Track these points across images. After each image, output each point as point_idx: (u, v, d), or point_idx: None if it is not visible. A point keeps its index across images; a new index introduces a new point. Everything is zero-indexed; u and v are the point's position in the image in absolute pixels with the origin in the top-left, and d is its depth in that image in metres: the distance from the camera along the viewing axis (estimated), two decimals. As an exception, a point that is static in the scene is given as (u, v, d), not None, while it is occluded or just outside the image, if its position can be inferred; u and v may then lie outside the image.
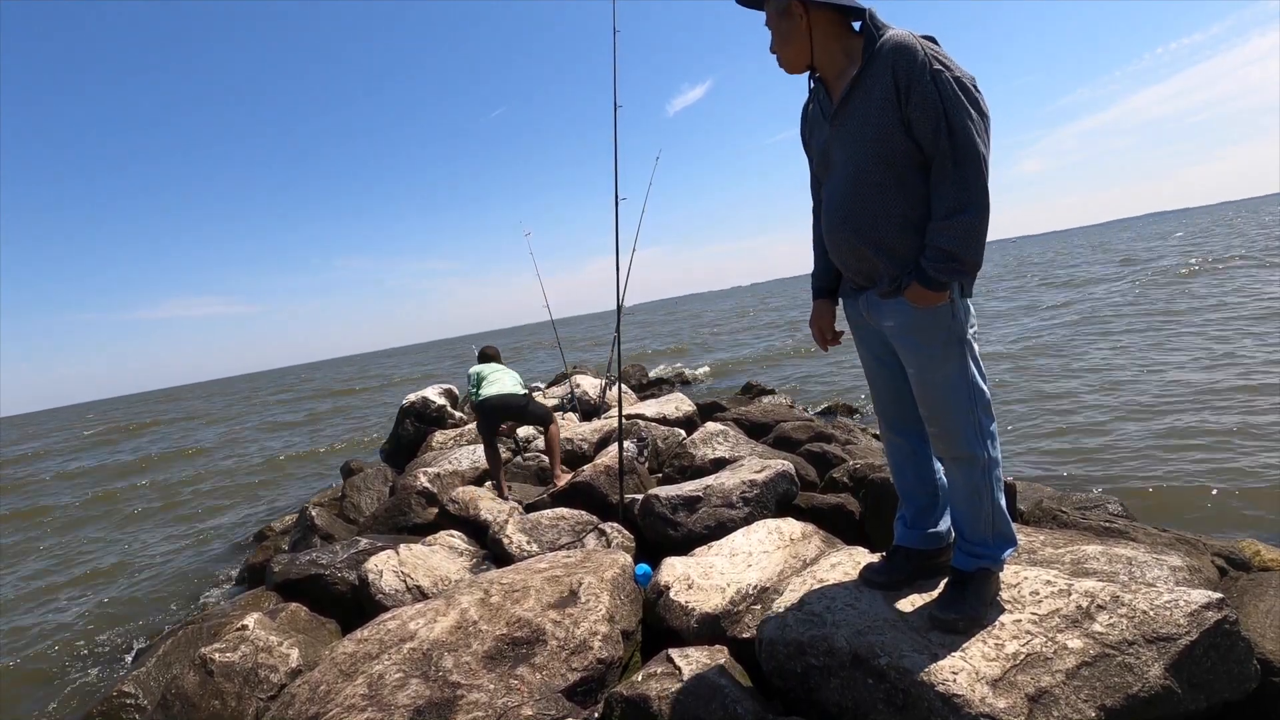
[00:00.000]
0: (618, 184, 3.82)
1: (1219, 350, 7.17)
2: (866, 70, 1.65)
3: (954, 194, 1.57)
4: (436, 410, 7.75)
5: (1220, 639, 1.61)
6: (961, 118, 1.56)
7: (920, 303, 1.67)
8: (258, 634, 2.72)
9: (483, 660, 2.07)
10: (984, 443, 1.76)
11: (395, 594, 3.05)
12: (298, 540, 4.68)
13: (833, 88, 1.77)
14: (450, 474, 4.95)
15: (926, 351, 1.71)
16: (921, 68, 1.57)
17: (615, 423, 4.60)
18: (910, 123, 1.60)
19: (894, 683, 1.63)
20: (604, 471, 4.02)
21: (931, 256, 1.61)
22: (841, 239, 1.78)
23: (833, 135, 1.77)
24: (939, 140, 1.57)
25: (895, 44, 1.60)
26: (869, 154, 1.67)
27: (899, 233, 1.68)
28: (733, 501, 3.18)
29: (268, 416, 22.27)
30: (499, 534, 3.47)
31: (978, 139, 1.57)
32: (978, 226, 1.57)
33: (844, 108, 1.71)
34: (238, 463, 12.40)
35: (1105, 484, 4.13)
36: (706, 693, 1.81)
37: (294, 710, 2.04)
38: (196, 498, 9.58)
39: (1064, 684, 1.55)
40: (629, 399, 7.74)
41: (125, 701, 2.80)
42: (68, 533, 8.63)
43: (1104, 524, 2.62)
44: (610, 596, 2.36)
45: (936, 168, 1.60)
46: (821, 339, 2.03)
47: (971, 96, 1.58)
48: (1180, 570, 2.11)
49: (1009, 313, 14.41)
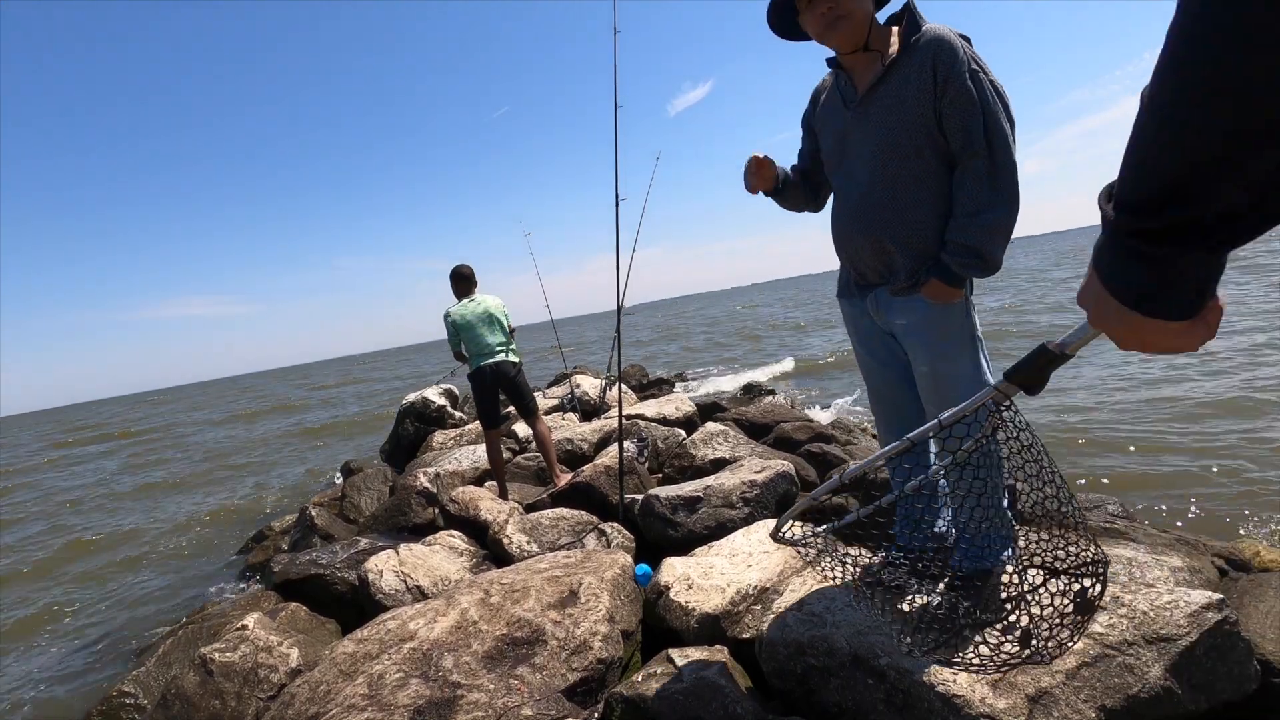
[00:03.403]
0: (618, 184, 3.83)
1: (1219, 349, 7.18)
2: (903, 60, 1.64)
3: (985, 192, 1.58)
4: (436, 410, 7.76)
5: (1220, 640, 1.61)
6: (999, 119, 1.57)
7: (938, 299, 1.66)
8: (258, 634, 2.72)
9: (483, 660, 2.07)
10: None
11: (395, 594, 3.05)
12: (297, 540, 4.68)
13: (859, 75, 1.75)
14: (450, 474, 4.95)
15: (940, 349, 1.70)
16: (962, 64, 1.57)
17: (615, 423, 4.60)
18: (942, 116, 1.60)
19: (894, 683, 1.63)
20: (604, 471, 4.02)
21: (955, 252, 1.61)
22: (860, 229, 1.76)
23: (853, 122, 1.75)
24: (973, 137, 1.58)
25: (937, 37, 1.60)
26: (899, 143, 1.66)
27: (922, 226, 1.68)
28: (733, 502, 3.17)
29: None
30: (499, 534, 3.47)
31: (1011, 142, 1.59)
32: (1005, 225, 1.58)
33: (871, 95, 1.69)
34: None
35: (1105, 484, 4.13)
36: (706, 693, 1.81)
37: (294, 710, 2.04)
38: (195, 497, 9.58)
39: (1064, 684, 1.55)
40: (629, 399, 7.74)
41: (125, 701, 2.80)
42: (65, 532, 8.64)
43: (1104, 524, 2.62)
44: (610, 596, 2.36)
45: (965, 165, 1.60)
46: (755, 175, 1.93)
47: (1004, 101, 1.60)
48: (1180, 571, 2.10)
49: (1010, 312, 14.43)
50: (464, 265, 4.63)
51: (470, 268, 4.64)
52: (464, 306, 4.52)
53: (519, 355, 4.64)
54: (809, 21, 1.68)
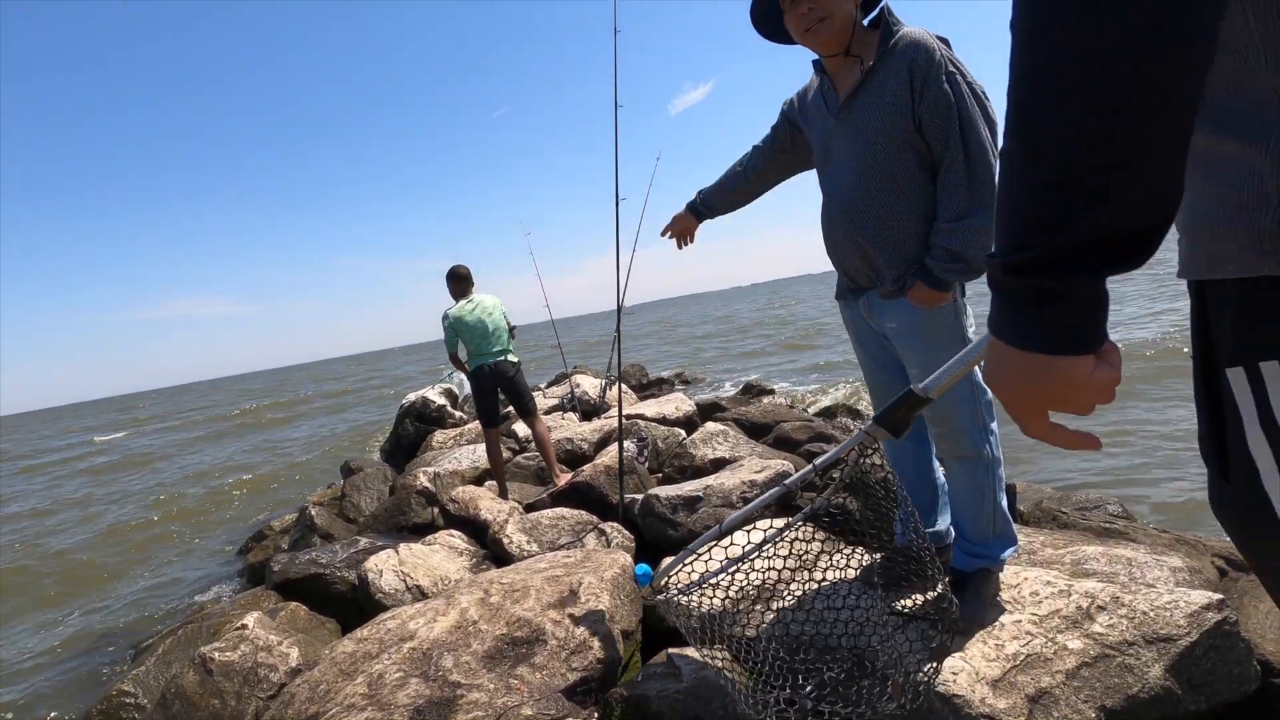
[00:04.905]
0: (618, 184, 3.82)
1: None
2: (881, 64, 1.63)
3: (965, 197, 1.58)
4: (436, 410, 7.76)
5: (1220, 640, 1.61)
6: (976, 122, 1.57)
7: (924, 303, 1.67)
8: (257, 633, 2.72)
9: (483, 660, 2.07)
10: (988, 441, 1.76)
11: (395, 593, 3.05)
12: (297, 539, 4.68)
13: (840, 80, 1.75)
14: (450, 474, 4.95)
15: (931, 352, 1.71)
16: (938, 68, 1.56)
17: (615, 423, 4.60)
18: (921, 121, 1.60)
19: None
20: (604, 471, 4.02)
21: (938, 256, 1.61)
22: (845, 235, 1.77)
23: (836, 128, 1.75)
24: (950, 142, 1.57)
25: (913, 41, 1.59)
26: (877, 150, 1.66)
27: (905, 231, 1.68)
28: (733, 501, 3.17)
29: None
30: (499, 534, 3.47)
31: (989, 146, 1.58)
32: (987, 231, 1.58)
33: (851, 101, 1.69)
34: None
35: (1105, 484, 4.13)
36: (706, 693, 1.81)
37: (293, 709, 2.04)
38: (196, 497, 9.58)
39: (1064, 684, 1.55)
40: (629, 399, 7.74)
41: (124, 700, 2.80)
42: (65, 530, 8.63)
43: (1104, 524, 2.62)
44: (610, 596, 2.36)
45: (946, 169, 1.60)
46: (678, 237, 2.29)
47: (983, 103, 1.59)
48: (1180, 571, 2.10)
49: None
50: (461, 265, 4.57)
51: (467, 268, 4.58)
52: (463, 307, 4.48)
53: (518, 355, 4.64)
54: (791, 22, 1.67)
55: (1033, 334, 0.57)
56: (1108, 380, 0.58)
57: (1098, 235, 0.50)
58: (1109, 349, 0.58)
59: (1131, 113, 0.46)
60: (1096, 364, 0.57)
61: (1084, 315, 0.55)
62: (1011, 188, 0.54)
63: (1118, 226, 0.50)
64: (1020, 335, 0.57)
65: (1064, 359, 0.56)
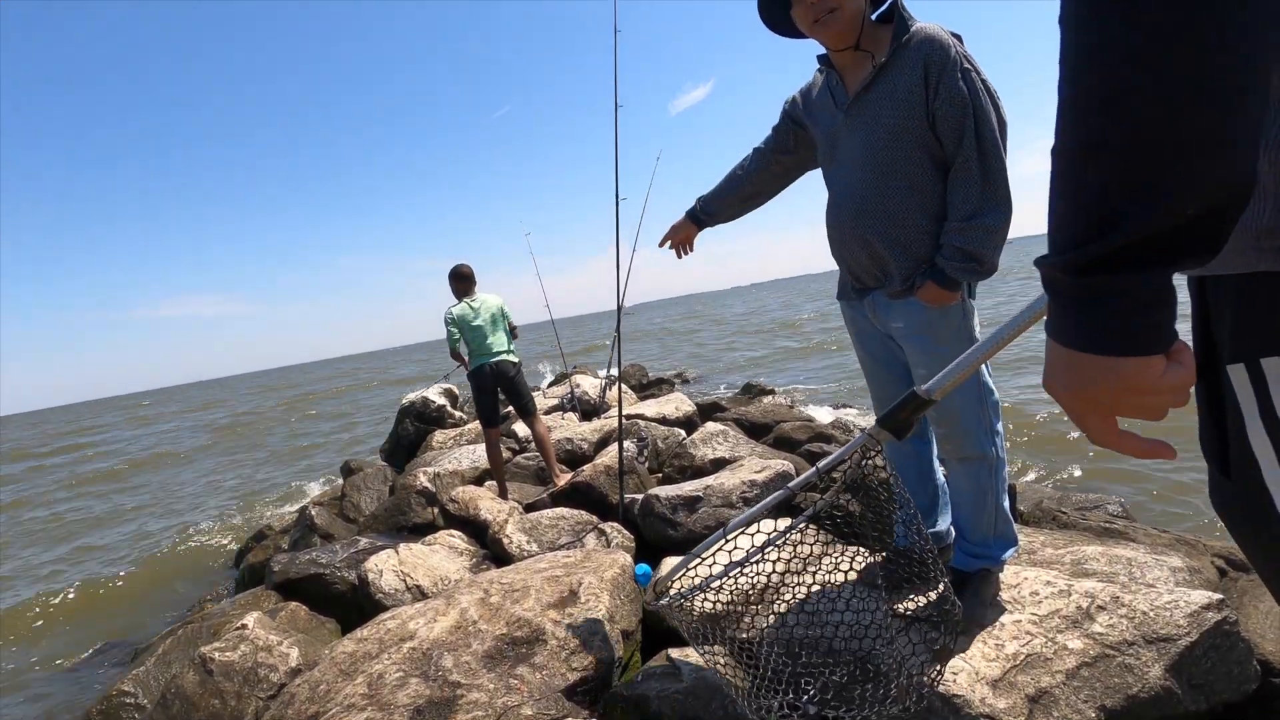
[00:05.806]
0: (618, 183, 3.82)
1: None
2: (894, 60, 1.61)
3: (978, 196, 1.56)
4: (436, 410, 7.76)
5: (1220, 640, 1.61)
6: (989, 121, 1.55)
7: (934, 302, 1.65)
8: (257, 633, 2.72)
9: (483, 660, 2.07)
10: (993, 443, 1.76)
11: (395, 593, 3.04)
12: (297, 539, 4.68)
13: (849, 76, 1.72)
14: (450, 474, 4.95)
15: (938, 352, 1.70)
16: (954, 64, 1.55)
17: (615, 423, 4.60)
18: (935, 118, 1.58)
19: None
20: (604, 471, 4.02)
21: (949, 255, 1.60)
22: (854, 233, 1.74)
23: (845, 124, 1.72)
24: (964, 139, 1.56)
25: (929, 36, 1.57)
26: (890, 146, 1.64)
27: (916, 230, 1.66)
28: (733, 501, 3.17)
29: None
30: (499, 534, 3.47)
31: (1000, 145, 1.57)
32: (999, 230, 1.57)
33: (862, 97, 1.67)
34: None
35: (1105, 484, 4.13)
36: (706, 693, 1.81)
37: (293, 709, 2.04)
38: (196, 497, 9.58)
39: (1064, 684, 1.55)
40: (629, 399, 7.74)
41: (124, 700, 2.80)
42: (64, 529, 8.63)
43: (1104, 524, 2.62)
44: (610, 596, 2.36)
45: (959, 168, 1.58)
46: (677, 246, 2.25)
47: (995, 102, 1.58)
48: (1180, 571, 2.10)
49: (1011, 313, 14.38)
50: (463, 265, 4.58)
51: (469, 267, 4.59)
52: (464, 306, 4.50)
53: (519, 355, 4.65)
54: (799, 14, 1.65)
55: (1097, 336, 0.53)
56: (1180, 382, 0.54)
57: (1163, 228, 0.47)
58: (1179, 348, 0.54)
59: (1195, 101, 0.44)
60: (1167, 365, 0.53)
61: (1151, 313, 0.52)
62: (1067, 185, 0.51)
63: (1184, 218, 0.47)
64: (1084, 338, 0.54)
65: (1131, 360, 0.52)
